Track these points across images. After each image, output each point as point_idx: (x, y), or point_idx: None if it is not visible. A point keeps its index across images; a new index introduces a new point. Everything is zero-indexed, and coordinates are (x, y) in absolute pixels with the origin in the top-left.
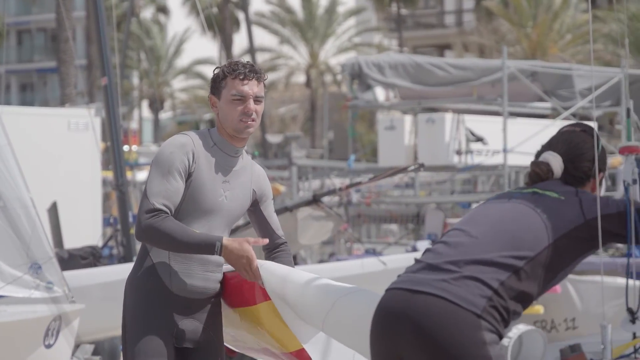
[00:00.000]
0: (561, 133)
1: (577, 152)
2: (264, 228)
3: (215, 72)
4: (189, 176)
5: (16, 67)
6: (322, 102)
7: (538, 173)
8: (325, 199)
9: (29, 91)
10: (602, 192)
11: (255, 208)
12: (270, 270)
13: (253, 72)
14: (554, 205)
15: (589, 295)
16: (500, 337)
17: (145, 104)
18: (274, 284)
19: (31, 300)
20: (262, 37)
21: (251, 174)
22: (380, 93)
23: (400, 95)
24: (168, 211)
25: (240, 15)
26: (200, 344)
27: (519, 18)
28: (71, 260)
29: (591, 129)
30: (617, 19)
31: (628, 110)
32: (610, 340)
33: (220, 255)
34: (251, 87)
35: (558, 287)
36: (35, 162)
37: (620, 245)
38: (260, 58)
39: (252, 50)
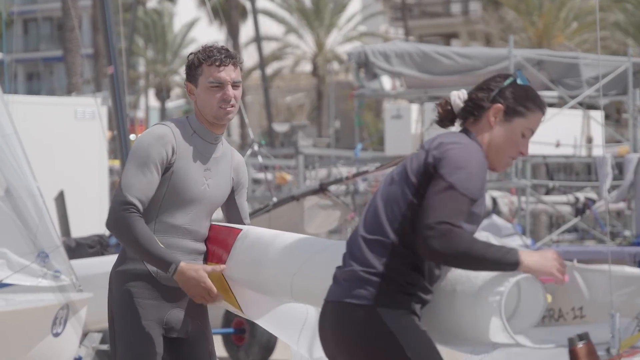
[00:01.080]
0: None
1: (478, 85)
2: (235, 215)
3: (189, 58)
4: (169, 167)
5: (22, 56)
6: (328, 91)
7: (438, 110)
8: (332, 188)
9: (35, 80)
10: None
11: (229, 195)
12: (253, 239)
13: (229, 57)
14: (409, 163)
15: (596, 284)
16: (414, 312)
17: (152, 93)
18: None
19: (38, 289)
20: (269, 26)
21: (231, 161)
22: (386, 82)
23: (406, 84)
24: (141, 205)
25: (247, 4)
26: (189, 334)
27: (526, 6)
28: (78, 248)
29: (517, 71)
30: (623, 8)
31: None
32: (618, 329)
33: (172, 277)
34: (228, 73)
35: (565, 277)
36: (42, 151)
37: (627, 234)
38: (267, 47)
39: (258, 39)
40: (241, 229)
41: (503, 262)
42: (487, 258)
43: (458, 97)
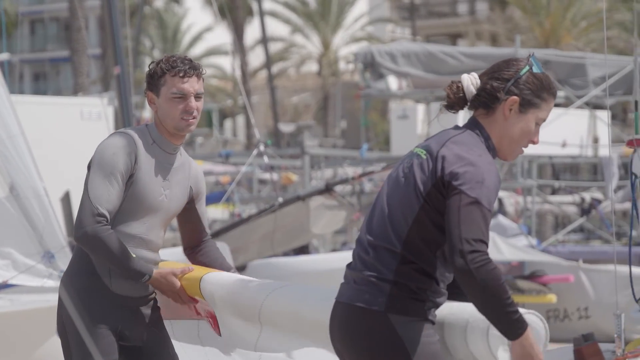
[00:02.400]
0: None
1: (490, 70)
2: (196, 224)
3: (151, 67)
4: (130, 176)
5: (29, 56)
6: (334, 91)
7: (448, 94)
8: (338, 188)
9: (42, 80)
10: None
11: (190, 205)
12: (215, 283)
13: (193, 68)
14: (415, 169)
15: (602, 284)
16: (425, 318)
17: None
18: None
19: (44, 289)
20: (275, 27)
21: (189, 171)
22: (392, 82)
23: (413, 84)
24: (109, 217)
25: (254, 4)
26: (146, 342)
27: (533, 6)
28: None
29: (532, 56)
30: (630, 8)
31: (636, 103)
32: (623, 330)
33: (148, 283)
34: (192, 85)
35: (571, 277)
36: (48, 151)
37: (633, 234)
38: (273, 47)
39: (264, 39)
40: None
41: (508, 325)
42: (501, 309)
43: (471, 82)
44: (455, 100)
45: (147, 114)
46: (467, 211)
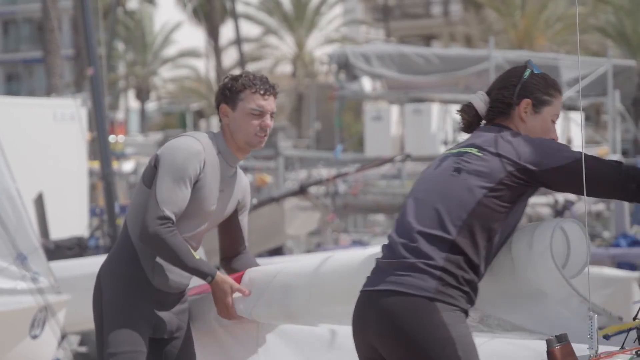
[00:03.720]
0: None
1: (496, 83)
2: (236, 235)
3: (227, 81)
4: (195, 183)
5: (2, 57)
6: (308, 92)
7: (462, 116)
8: (312, 189)
9: (15, 81)
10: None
11: (233, 216)
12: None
13: (272, 87)
14: (474, 164)
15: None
16: (465, 312)
17: (131, 94)
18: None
19: (17, 291)
20: (249, 28)
21: (239, 183)
22: (367, 83)
23: (387, 86)
24: (174, 220)
25: (229, 6)
26: (174, 334)
27: (507, 8)
28: (57, 250)
29: (529, 62)
30: (604, 10)
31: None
32: (597, 330)
33: (209, 284)
34: (270, 103)
35: None
36: (21, 152)
37: (606, 235)
38: (247, 48)
39: (238, 41)
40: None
41: None
42: None
43: (482, 100)
44: (471, 120)
45: (120, 115)
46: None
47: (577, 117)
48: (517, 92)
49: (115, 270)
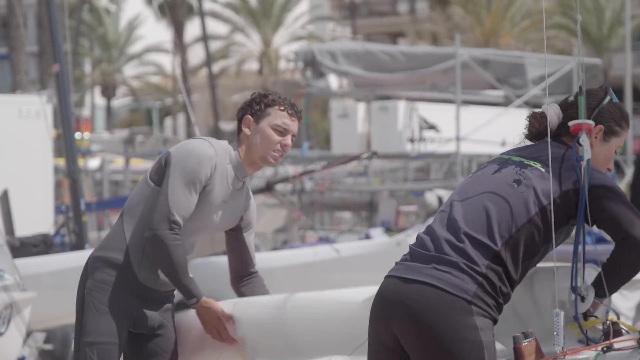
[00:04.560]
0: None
1: (573, 101)
2: (244, 255)
3: (257, 95)
4: (202, 189)
5: None
6: (275, 89)
7: (533, 123)
8: (279, 187)
9: None
10: (601, 151)
11: (238, 234)
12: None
13: (299, 112)
14: (535, 180)
15: (541, 283)
16: (495, 321)
17: (97, 91)
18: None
19: None
20: (215, 25)
21: (245, 200)
22: (333, 81)
23: (353, 83)
24: (182, 225)
25: (194, 2)
26: (155, 331)
27: (473, 5)
28: (22, 248)
29: (606, 85)
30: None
31: (580, 89)
32: (562, 327)
33: (191, 307)
34: (294, 125)
35: None
36: None
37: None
38: (213, 45)
39: (204, 37)
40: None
41: None
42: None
43: (555, 113)
44: (540, 130)
45: (86, 111)
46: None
47: None
48: (593, 117)
49: (103, 257)
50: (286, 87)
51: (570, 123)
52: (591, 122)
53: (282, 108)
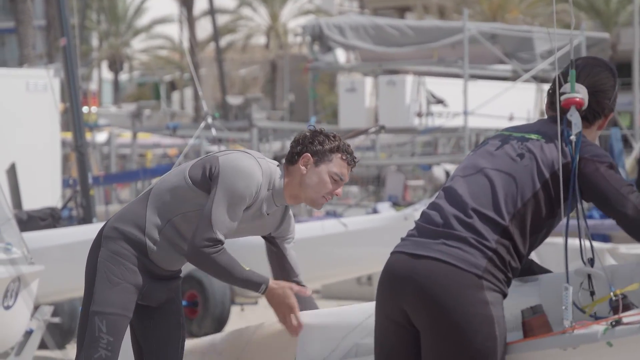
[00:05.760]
0: (583, 66)
1: (601, 87)
2: (284, 264)
3: (321, 135)
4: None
5: None
6: (282, 64)
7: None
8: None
9: None
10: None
11: (274, 244)
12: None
13: (354, 161)
14: (536, 151)
15: (548, 257)
16: (504, 295)
17: (104, 65)
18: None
19: None
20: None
21: (278, 219)
22: (341, 55)
23: (361, 57)
24: (224, 240)
25: None
26: (161, 305)
27: None
28: (30, 221)
29: (612, 67)
30: None
31: (571, 62)
32: (571, 302)
33: (263, 294)
34: (348, 174)
35: None
36: None
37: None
38: (221, 19)
39: (212, 11)
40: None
41: None
42: None
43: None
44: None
45: (93, 85)
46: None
47: None
48: (611, 106)
49: (120, 229)
50: (293, 61)
51: (562, 97)
52: (581, 96)
53: (345, 157)
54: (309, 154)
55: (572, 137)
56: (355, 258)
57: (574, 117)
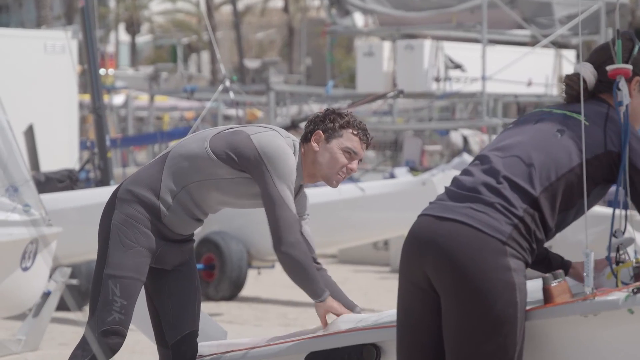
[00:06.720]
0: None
1: (605, 55)
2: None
3: (331, 113)
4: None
5: None
6: (300, 27)
7: (570, 85)
8: (304, 125)
9: (4, 13)
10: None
11: None
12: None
13: (369, 139)
14: (578, 132)
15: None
16: (527, 264)
17: (122, 28)
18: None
19: (8, 223)
20: None
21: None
22: (358, 19)
23: (379, 22)
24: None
25: None
26: (175, 268)
27: None
28: (48, 183)
29: (629, 33)
30: None
31: (618, 32)
32: (592, 268)
33: (316, 303)
34: (363, 150)
35: None
36: (11, 84)
37: None
38: None
39: None
40: None
41: None
42: None
43: (591, 72)
44: (579, 91)
45: (110, 48)
46: None
47: (570, 55)
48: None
49: (134, 192)
50: (311, 25)
51: (608, 68)
52: (629, 66)
53: (356, 132)
54: (320, 131)
55: (622, 108)
56: (372, 223)
57: (623, 87)
